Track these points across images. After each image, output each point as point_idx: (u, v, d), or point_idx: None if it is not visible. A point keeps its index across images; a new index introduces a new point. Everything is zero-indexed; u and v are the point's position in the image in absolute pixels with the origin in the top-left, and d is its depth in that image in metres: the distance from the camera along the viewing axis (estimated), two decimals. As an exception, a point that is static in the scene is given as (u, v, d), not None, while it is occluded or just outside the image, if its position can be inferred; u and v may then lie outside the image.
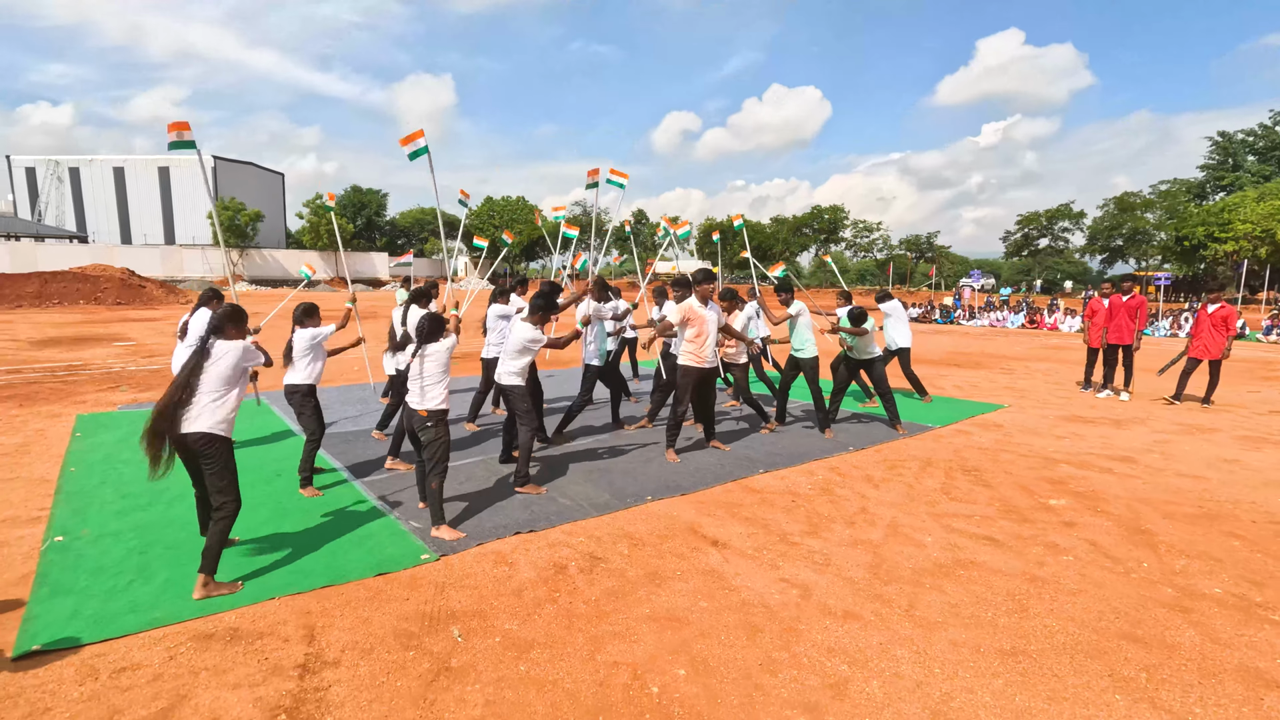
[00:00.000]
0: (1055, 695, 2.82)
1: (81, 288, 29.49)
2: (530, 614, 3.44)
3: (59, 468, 5.78)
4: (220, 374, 3.64)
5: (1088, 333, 10.03)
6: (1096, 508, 5.09)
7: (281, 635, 3.21)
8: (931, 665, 3.02)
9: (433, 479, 4.36)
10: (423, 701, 2.73)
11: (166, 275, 45.87)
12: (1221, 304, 9.06)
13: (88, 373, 11.05)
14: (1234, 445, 7.02)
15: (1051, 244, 61.99)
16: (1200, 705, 2.77)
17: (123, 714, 2.63)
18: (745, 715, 2.68)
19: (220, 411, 3.64)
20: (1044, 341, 19.25)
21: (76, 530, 4.42)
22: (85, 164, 60.47)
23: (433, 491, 4.36)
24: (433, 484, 4.36)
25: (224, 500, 3.64)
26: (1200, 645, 3.22)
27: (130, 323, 20.69)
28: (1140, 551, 4.30)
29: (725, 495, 5.30)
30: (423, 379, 4.38)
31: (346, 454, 6.25)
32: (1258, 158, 51.56)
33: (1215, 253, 41.51)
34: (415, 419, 4.41)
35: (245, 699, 2.73)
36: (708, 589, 3.73)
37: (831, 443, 6.93)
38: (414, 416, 4.41)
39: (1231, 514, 4.99)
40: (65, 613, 3.37)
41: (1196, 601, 3.64)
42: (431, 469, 4.37)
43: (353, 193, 71.82)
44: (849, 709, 2.72)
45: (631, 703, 2.75)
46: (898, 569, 4.00)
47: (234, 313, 3.87)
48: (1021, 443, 7.04)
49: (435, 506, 4.36)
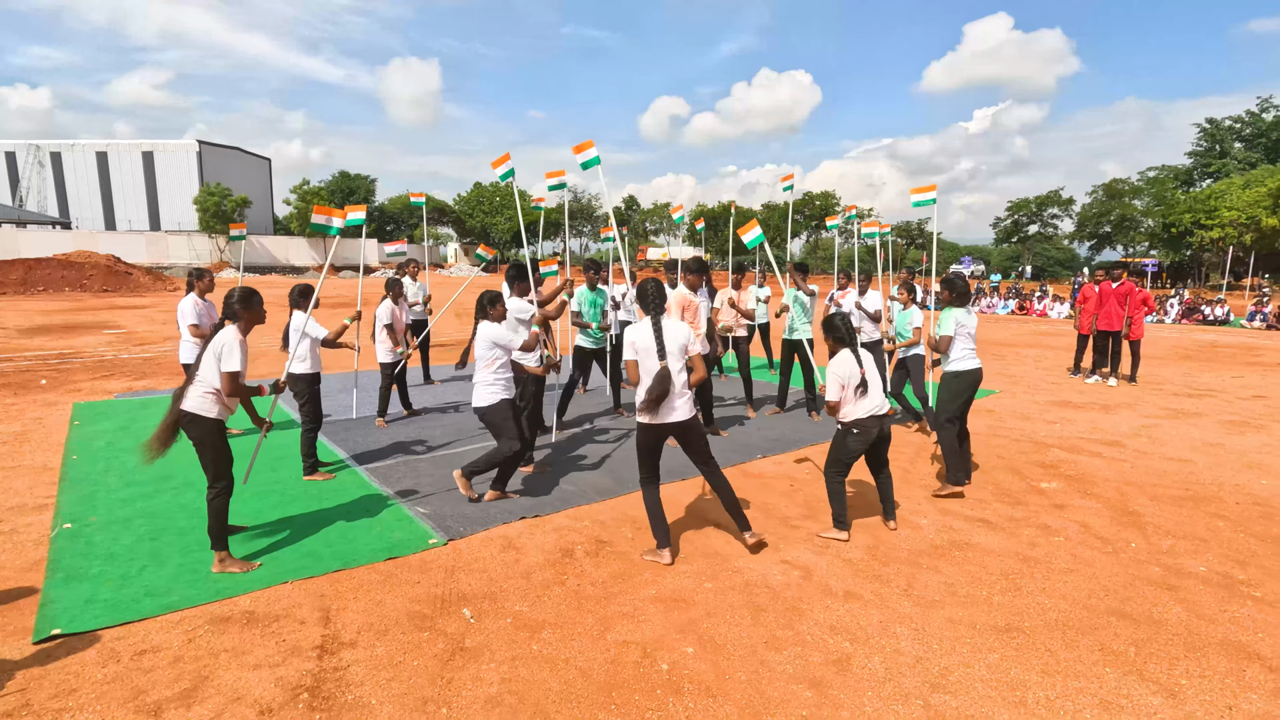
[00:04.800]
0: (1048, 669, 2.94)
1: (66, 275, 29.14)
2: (540, 596, 3.52)
3: (60, 456, 5.80)
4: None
5: (1078, 319, 10.19)
6: (1086, 490, 5.23)
7: (297, 618, 3.27)
8: (930, 642, 3.14)
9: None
10: (440, 680, 2.82)
11: (152, 262, 45.28)
12: (1124, 281, 9.48)
13: (80, 360, 10.99)
14: (1218, 429, 7.19)
15: (1041, 230, 62.35)
16: (1186, 677, 2.90)
17: (147, 694, 2.70)
18: (753, 690, 2.78)
19: (205, 391, 3.71)
20: (1034, 328, 19.47)
21: (85, 517, 4.46)
22: (67, 149, 59.39)
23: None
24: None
25: (219, 480, 3.74)
26: (1186, 621, 3.35)
27: (119, 310, 20.51)
28: (1128, 532, 4.44)
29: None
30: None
31: (347, 441, 6.30)
32: (1244, 144, 51.95)
33: (1201, 239, 41.93)
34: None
35: (266, 679, 2.80)
36: (712, 570, 3.83)
37: (828, 428, 7.04)
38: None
39: (1216, 496, 5.14)
40: (81, 598, 3.42)
41: (1182, 579, 3.78)
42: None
43: (341, 178, 70.98)
44: (852, 683, 2.83)
45: (643, 679, 2.84)
46: (895, 550, 4.12)
47: (246, 295, 3.91)
48: (1013, 428, 7.19)
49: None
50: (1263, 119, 51.02)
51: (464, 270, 58.41)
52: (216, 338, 3.73)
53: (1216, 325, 20.35)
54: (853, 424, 4.20)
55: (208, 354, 3.71)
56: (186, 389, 3.70)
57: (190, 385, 3.70)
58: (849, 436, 4.23)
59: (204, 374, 3.69)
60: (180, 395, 3.69)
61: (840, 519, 4.24)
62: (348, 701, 2.67)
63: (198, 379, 3.69)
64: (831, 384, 4.18)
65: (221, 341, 3.71)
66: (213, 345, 3.72)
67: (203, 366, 3.70)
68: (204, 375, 3.70)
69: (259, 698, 2.68)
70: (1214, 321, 20.77)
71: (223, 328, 3.79)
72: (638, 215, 68.67)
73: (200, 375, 3.70)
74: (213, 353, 3.71)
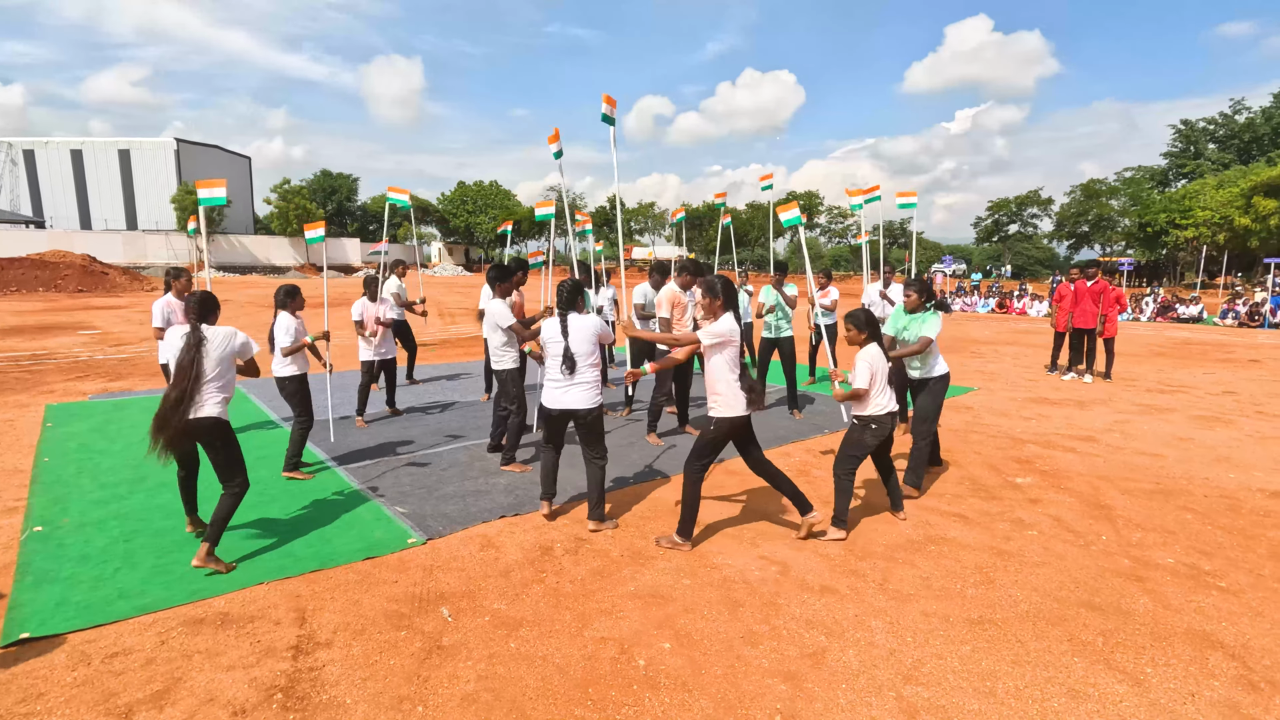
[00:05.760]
0: (1018, 659, 2.99)
1: (40, 275, 28.64)
2: (518, 594, 3.52)
3: (32, 458, 5.70)
4: (216, 359, 3.73)
5: (1055, 317, 10.34)
6: (1060, 485, 5.32)
7: (272, 618, 3.25)
8: (904, 634, 3.18)
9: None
10: (416, 678, 2.81)
11: (129, 261, 44.60)
12: (1098, 279, 9.64)
13: (54, 361, 10.81)
14: (1189, 424, 7.33)
15: (1021, 230, 63.18)
16: (1151, 665, 2.96)
17: (118, 697, 2.67)
18: (729, 684, 2.81)
19: (222, 395, 3.77)
20: (1013, 326, 19.73)
21: (56, 519, 4.39)
22: (41, 146, 58.29)
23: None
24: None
25: (237, 478, 3.81)
26: (1153, 611, 3.42)
27: (95, 310, 20.18)
28: (1100, 525, 4.52)
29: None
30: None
31: (327, 441, 6.25)
32: (1218, 146, 53.01)
33: (1176, 239, 42.70)
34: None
35: (240, 680, 2.78)
36: (690, 567, 3.85)
37: (807, 425, 7.10)
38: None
39: (1185, 489, 5.25)
40: (51, 601, 3.37)
41: (1150, 571, 3.86)
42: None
43: (323, 177, 70.38)
44: (826, 676, 2.86)
45: (619, 675, 2.86)
46: (872, 545, 4.16)
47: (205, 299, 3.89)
48: (990, 424, 7.28)
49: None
50: (1235, 121, 52.09)
51: (448, 270, 58.14)
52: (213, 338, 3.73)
53: (1190, 323, 20.74)
54: (871, 419, 4.25)
55: (224, 357, 3.75)
56: (195, 395, 3.60)
57: (200, 392, 3.63)
58: (866, 431, 4.28)
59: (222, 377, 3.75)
60: (183, 401, 3.56)
61: (841, 517, 4.26)
62: (322, 701, 2.66)
63: (212, 384, 3.68)
64: (862, 371, 4.22)
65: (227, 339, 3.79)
66: (216, 344, 3.73)
67: (219, 368, 3.72)
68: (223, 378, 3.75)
69: (232, 699, 2.66)
70: (1188, 319, 21.16)
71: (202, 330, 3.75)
72: (622, 214, 68.67)
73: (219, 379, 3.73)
74: (227, 351, 3.76)
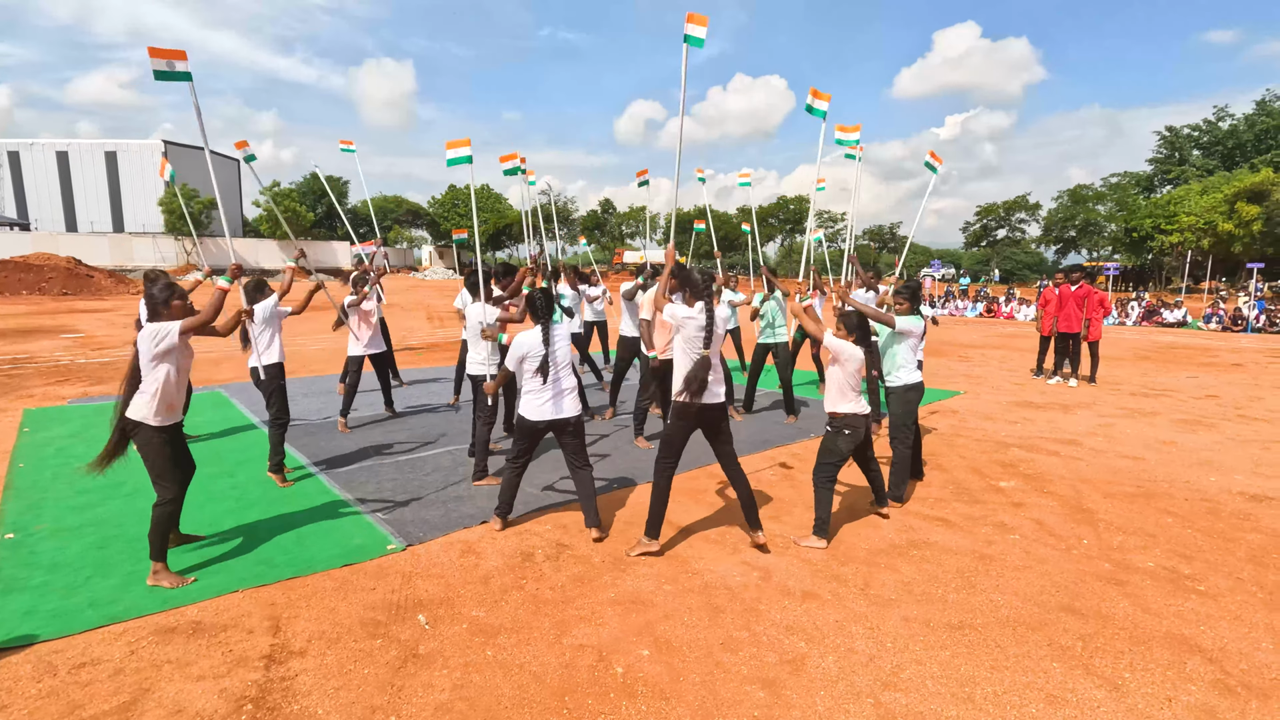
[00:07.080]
0: (998, 664, 2.98)
1: (25, 277, 28.32)
2: (497, 601, 3.49)
3: (7, 464, 5.61)
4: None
5: (1040, 321, 10.40)
6: (1043, 488, 5.33)
7: (246, 627, 3.20)
8: (884, 640, 3.17)
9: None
10: (390, 687, 2.77)
11: (115, 264, 44.11)
12: (1082, 284, 9.77)
13: (34, 366, 10.67)
14: (1171, 428, 7.38)
15: (1009, 235, 63.60)
16: (1130, 670, 2.96)
17: (84, 709, 2.61)
18: (707, 691, 2.78)
19: (142, 397, 3.60)
20: (1000, 330, 19.84)
21: (30, 526, 4.32)
22: (26, 147, 57.67)
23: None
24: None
25: (159, 490, 3.62)
26: (1132, 615, 3.43)
27: (79, 314, 19.97)
28: (1081, 529, 4.53)
29: (690, 482, 5.41)
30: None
31: (309, 446, 6.18)
32: (1202, 152, 53.58)
33: (1162, 244, 43.12)
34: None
35: (210, 690, 2.73)
36: (671, 573, 3.83)
37: (794, 429, 7.09)
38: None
39: (1166, 492, 5.27)
40: (20, 609, 3.31)
41: (1130, 575, 3.87)
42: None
43: (312, 180, 69.90)
44: (805, 683, 2.84)
45: (597, 683, 2.83)
46: (854, 550, 4.15)
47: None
48: (975, 428, 7.30)
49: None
50: (1219, 127, 52.70)
51: (439, 274, 57.91)
52: (145, 333, 3.59)
53: (1175, 327, 20.93)
54: (844, 424, 4.25)
55: (142, 356, 3.57)
56: (130, 395, 3.58)
57: (131, 391, 3.59)
58: (840, 437, 4.27)
59: (144, 377, 3.59)
60: (125, 402, 3.58)
61: (823, 526, 4.21)
62: (293, 711, 2.61)
63: (141, 386, 3.59)
64: (831, 341, 4.30)
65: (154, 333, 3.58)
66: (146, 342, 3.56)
67: (141, 368, 3.58)
68: (144, 378, 3.59)
69: (201, 710, 2.61)
70: (1172, 324, 21.35)
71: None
72: (614, 219, 68.63)
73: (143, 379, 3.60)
74: (149, 348, 3.55)
